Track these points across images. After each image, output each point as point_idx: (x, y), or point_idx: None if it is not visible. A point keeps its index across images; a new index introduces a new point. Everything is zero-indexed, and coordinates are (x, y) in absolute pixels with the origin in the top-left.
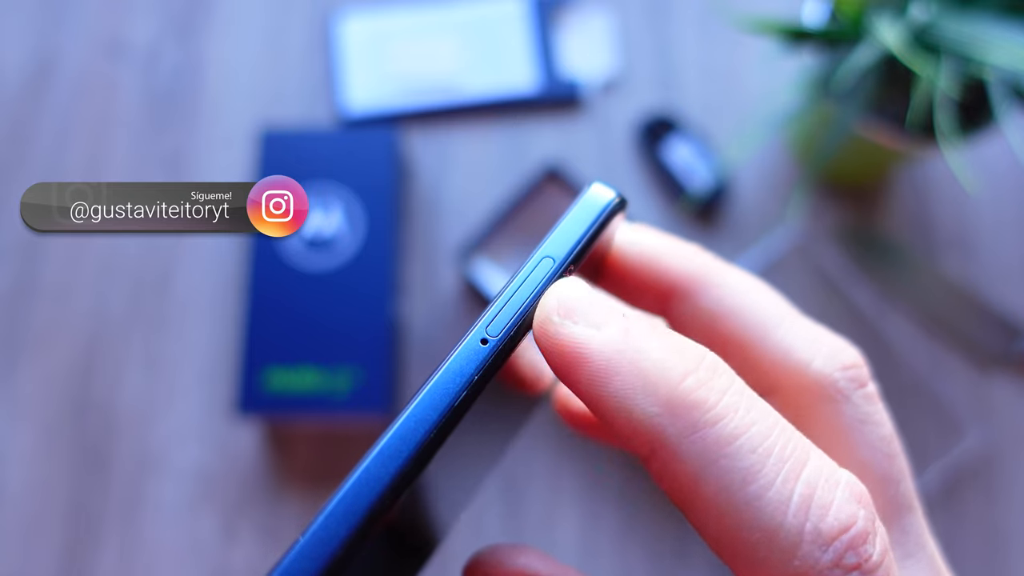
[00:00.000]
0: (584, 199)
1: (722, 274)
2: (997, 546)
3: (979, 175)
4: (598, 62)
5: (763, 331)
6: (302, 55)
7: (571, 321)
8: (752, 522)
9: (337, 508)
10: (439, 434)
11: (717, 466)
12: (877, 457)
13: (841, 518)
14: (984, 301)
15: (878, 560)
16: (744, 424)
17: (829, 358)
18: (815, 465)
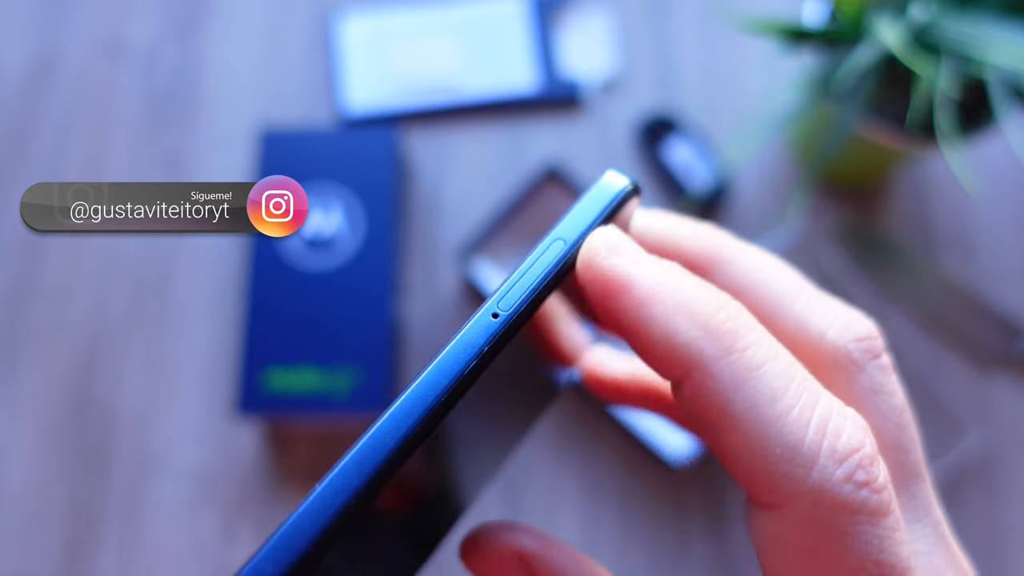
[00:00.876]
0: (598, 185)
1: (738, 251)
2: (998, 546)
3: (979, 175)
4: (598, 62)
5: (779, 306)
6: (302, 55)
7: (614, 255)
8: (776, 438)
9: (348, 464)
10: (448, 401)
11: (748, 385)
12: (888, 426)
13: (852, 441)
14: (984, 301)
15: (883, 483)
16: (770, 355)
17: (843, 330)
18: (828, 398)
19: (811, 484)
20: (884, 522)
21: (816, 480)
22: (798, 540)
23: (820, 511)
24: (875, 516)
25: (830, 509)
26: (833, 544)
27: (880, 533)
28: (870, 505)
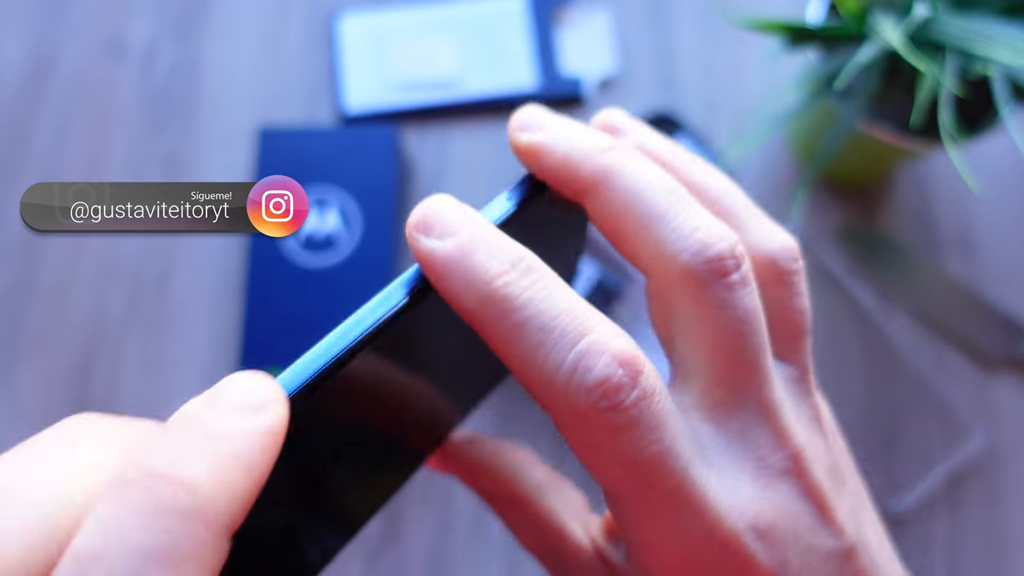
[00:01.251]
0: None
1: (622, 172)
2: (1001, 547)
3: (982, 173)
4: (598, 60)
5: (643, 227)
6: (301, 54)
7: (423, 235)
8: (539, 379)
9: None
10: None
11: (518, 342)
12: (726, 334)
13: (598, 376)
14: (987, 301)
15: (630, 403)
16: (538, 310)
17: (695, 253)
18: (590, 339)
19: (567, 409)
20: (629, 433)
21: (568, 407)
22: (574, 443)
23: (577, 424)
24: (620, 430)
25: (586, 426)
26: (593, 447)
27: (626, 440)
28: (614, 422)
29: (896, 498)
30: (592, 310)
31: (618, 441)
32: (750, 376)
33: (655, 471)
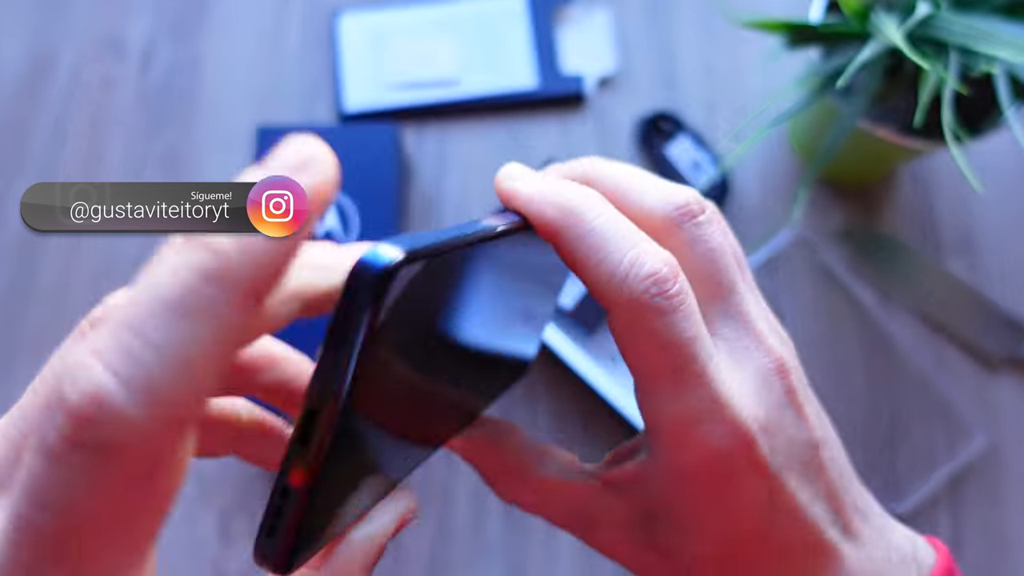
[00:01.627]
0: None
1: (605, 169)
2: (1003, 547)
3: (984, 172)
4: (599, 59)
5: (629, 197)
6: (300, 52)
7: (510, 179)
8: (603, 270)
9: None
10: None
11: (585, 242)
12: (702, 262)
13: (649, 268)
14: (989, 301)
15: (674, 292)
16: (600, 222)
17: (668, 204)
18: (643, 247)
19: (624, 295)
20: (670, 317)
21: (627, 294)
22: (625, 326)
23: (630, 310)
24: (666, 312)
25: (635, 309)
26: (639, 328)
27: (666, 323)
28: (660, 306)
29: (898, 499)
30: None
31: (661, 322)
32: (732, 295)
33: (686, 353)
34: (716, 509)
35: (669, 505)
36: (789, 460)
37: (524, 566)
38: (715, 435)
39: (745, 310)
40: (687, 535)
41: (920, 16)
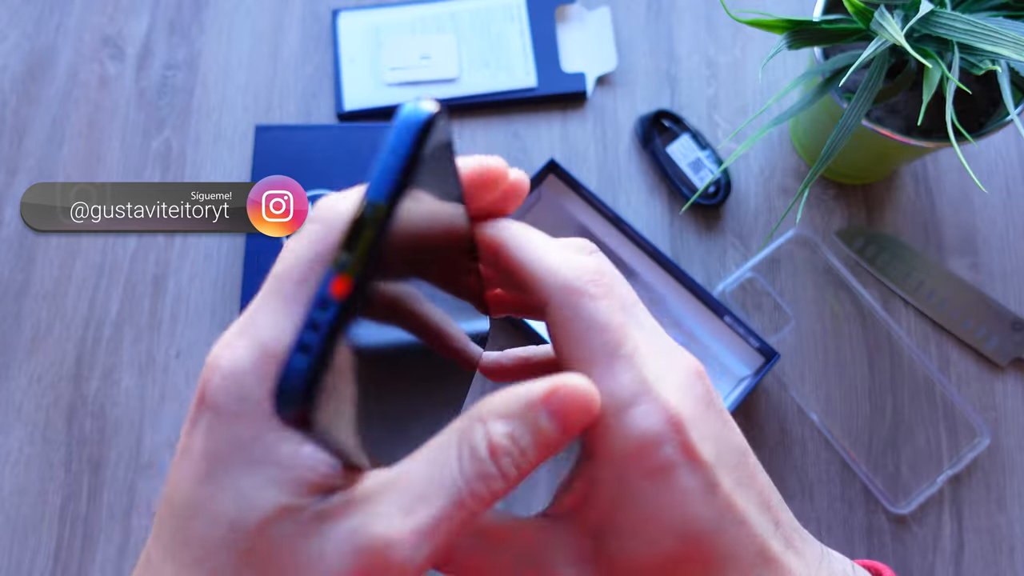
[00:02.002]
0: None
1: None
2: (1005, 548)
3: (987, 171)
4: (599, 57)
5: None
6: (298, 51)
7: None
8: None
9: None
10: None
11: (526, 247)
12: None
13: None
14: (993, 301)
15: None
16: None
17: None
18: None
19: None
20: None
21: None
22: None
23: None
24: (596, 298)
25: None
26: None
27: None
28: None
29: (902, 499)
30: None
31: (594, 306)
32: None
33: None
34: (656, 503)
35: (613, 511)
36: (720, 457)
37: None
38: (646, 417)
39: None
40: (634, 539)
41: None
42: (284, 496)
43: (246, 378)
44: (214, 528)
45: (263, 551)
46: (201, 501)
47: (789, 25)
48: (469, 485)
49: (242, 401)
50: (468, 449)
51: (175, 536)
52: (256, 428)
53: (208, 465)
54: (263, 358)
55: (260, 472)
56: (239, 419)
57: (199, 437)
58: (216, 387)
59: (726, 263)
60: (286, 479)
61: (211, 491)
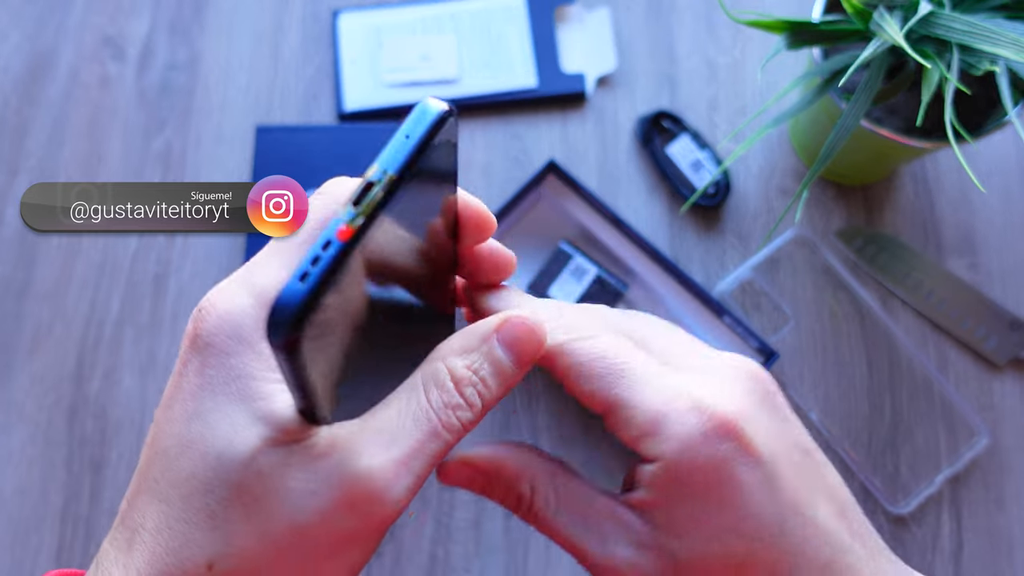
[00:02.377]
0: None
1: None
2: (1004, 548)
3: (986, 171)
4: (599, 58)
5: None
6: (299, 51)
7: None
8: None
9: None
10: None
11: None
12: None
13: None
14: (992, 301)
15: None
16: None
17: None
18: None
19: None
20: (589, 341)
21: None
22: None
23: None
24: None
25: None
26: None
27: (588, 344)
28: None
29: (901, 499)
30: None
31: (581, 346)
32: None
33: (620, 362)
34: (717, 500)
35: (675, 510)
36: (780, 454)
37: (524, 566)
38: (699, 415)
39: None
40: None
41: (922, 14)
42: (270, 431)
43: (242, 318)
44: (203, 462)
45: (251, 485)
46: (191, 439)
47: (788, 26)
48: (439, 416)
49: (237, 340)
50: (433, 384)
51: (162, 477)
52: (247, 366)
53: (197, 403)
54: (259, 302)
55: (248, 407)
56: (232, 356)
57: (190, 376)
58: (211, 326)
59: (725, 263)
60: (273, 417)
61: (199, 428)
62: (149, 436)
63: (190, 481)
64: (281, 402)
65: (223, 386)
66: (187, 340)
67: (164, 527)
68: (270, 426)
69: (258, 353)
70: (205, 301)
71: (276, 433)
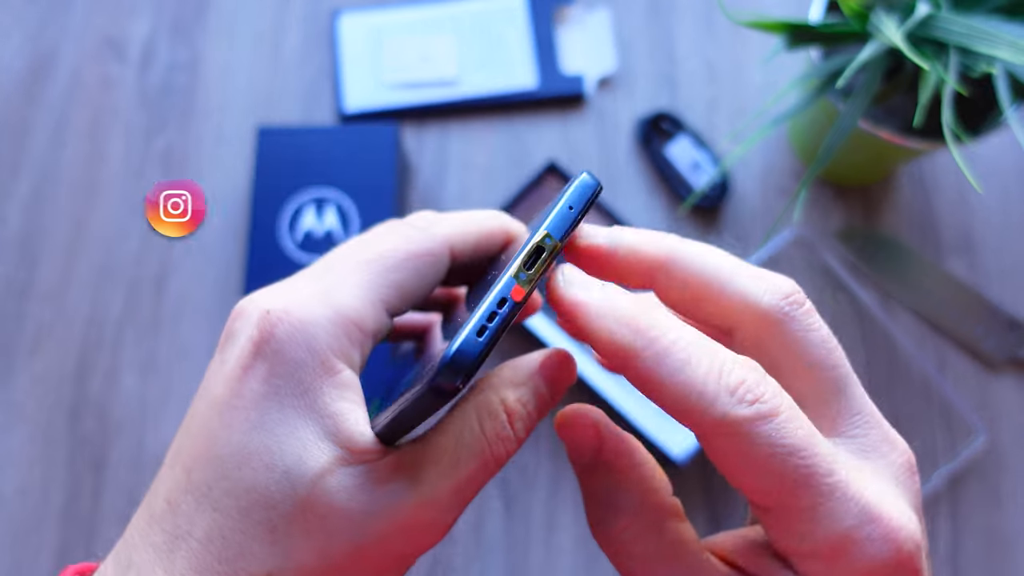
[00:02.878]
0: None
1: (686, 248)
2: (1002, 547)
3: (985, 173)
4: (599, 59)
5: (723, 283)
6: (300, 52)
7: (572, 286)
8: (689, 389)
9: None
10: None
11: (667, 360)
12: (819, 351)
13: (739, 375)
14: (990, 302)
15: (771, 395)
16: (679, 336)
17: (775, 293)
18: (723, 354)
19: (718, 413)
20: (776, 420)
21: (720, 409)
22: (727, 448)
23: (730, 427)
24: (767, 417)
25: (734, 423)
26: (746, 445)
27: (774, 428)
28: (762, 412)
29: None
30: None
31: (765, 433)
32: (851, 387)
33: (807, 462)
34: None
35: None
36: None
37: (524, 566)
38: (872, 551)
39: (865, 401)
40: None
41: (920, 16)
42: (341, 451)
43: (317, 331)
44: (267, 475)
45: (316, 503)
46: (254, 448)
47: (787, 27)
48: (491, 446)
49: (311, 352)
50: (487, 414)
51: (216, 485)
52: (318, 380)
53: (261, 413)
54: (339, 319)
55: (318, 423)
56: (302, 369)
57: (255, 382)
58: (284, 333)
59: None
60: (343, 435)
61: (264, 439)
62: (192, 435)
63: (250, 493)
64: (352, 420)
65: (292, 398)
66: (251, 344)
67: (217, 536)
68: (340, 445)
69: (328, 369)
70: (275, 306)
71: (346, 453)
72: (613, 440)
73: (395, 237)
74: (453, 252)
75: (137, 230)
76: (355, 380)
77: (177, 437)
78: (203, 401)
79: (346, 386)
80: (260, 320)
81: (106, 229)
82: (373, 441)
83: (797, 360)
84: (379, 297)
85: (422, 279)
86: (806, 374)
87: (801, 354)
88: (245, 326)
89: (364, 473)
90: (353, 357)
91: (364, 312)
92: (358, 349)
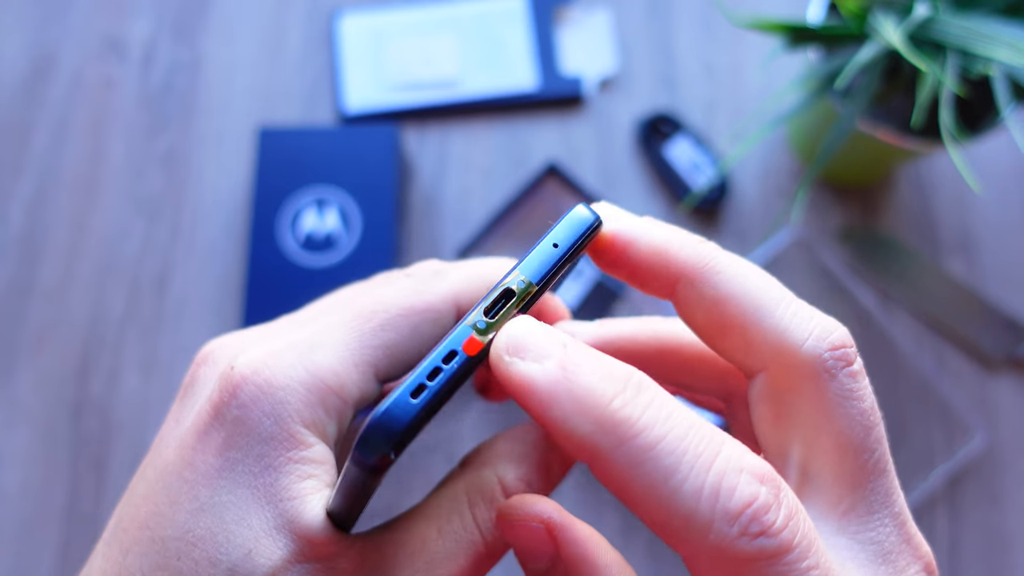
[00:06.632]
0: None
1: (724, 261)
2: (1001, 547)
3: (983, 173)
4: (599, 60)
5: (760, 314)
6: (300, 53)
7: (519, 358)
8: (674, 510)
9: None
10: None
11: (643, 469)
12: (855, 429)
13: (744, 497)
14: (988, 302)
15: (782, 524)
16: (663, 432)
17: (819, 339)
18: (724, 456)
19: (711, 545)
20: (785, 559)
21: (714, 541)
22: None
23: (725, 563)
24: (774, 557)
25: (732, 562)
26: None
27: (780, 571)
28: (768, 550)
29: None
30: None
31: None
32: (882, 477)
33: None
34: None
35: None
36: None
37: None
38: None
39: (897, 496)
40: None
41: (918, 17)
42: (296, 544)
43: (287, 396)
44: (210, 570)
45: None
46: (199, 535)
47: (786, 28)
48: (484, 536)
49: (277, 422)
50: (482, 499)
51: (151, 572)
52: (280, 457)
53: (211, 492)
54: (315, 383)
55: (273, 510)
56: (265, 442)
57: (209, 453)
58: (249, 398)
59: None
60: (300, 525)
61: (211, 525)
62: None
63: None
64: (310, 505)
65: (248, 477)
66: (210, 406)
67: None
68: (296, 538)
69: (296, 443)
70: (243, 361)
71: (302, 546)
72: (570, 545)
73: (391, 290)
74: (460, 308)
75: (138, 230)
76: (327, 456)
77: (120, 504)
78: (151, 467)
79: (315, 462)
80: (223, 378)
81: (107, 229)
82: (334, 531)
83: (826, 430)
84: (366, 359)
85: (420, 339)
86: (833, 450)
87: (833, 425)
88: (207, 379)
89: (321, 573)
90: (327, 429)
91: (346, 376)
92: (334, 419)
